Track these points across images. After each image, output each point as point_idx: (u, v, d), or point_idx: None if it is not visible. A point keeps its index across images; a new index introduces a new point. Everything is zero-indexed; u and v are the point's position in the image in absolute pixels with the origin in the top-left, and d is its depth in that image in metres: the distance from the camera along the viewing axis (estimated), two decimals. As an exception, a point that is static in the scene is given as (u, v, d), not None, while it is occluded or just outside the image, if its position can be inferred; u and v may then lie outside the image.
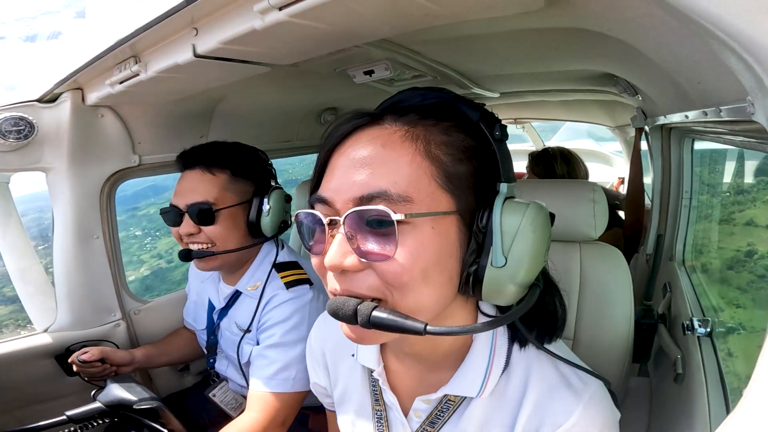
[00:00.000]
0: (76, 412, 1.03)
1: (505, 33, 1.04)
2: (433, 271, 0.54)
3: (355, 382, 0.81)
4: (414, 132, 0.55)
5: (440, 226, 0.53)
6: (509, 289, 0.56)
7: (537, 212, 0.55)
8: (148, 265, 11.68)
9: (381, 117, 0.58)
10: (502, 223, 0.54)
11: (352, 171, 0.54)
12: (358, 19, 0.77)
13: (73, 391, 1.47)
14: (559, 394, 0.62)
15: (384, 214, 0.50)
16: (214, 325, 1.40)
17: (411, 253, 0.51)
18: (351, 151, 0.56)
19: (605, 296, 1.12)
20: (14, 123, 1.19)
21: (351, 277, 0.55)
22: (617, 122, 3.20)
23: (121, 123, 1.41)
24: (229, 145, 1.29)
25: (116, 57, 1.03)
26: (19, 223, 1.61)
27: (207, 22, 0.84)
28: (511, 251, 0.54)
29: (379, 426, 0.76)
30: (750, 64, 0.43)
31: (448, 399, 0.68)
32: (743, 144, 1.06)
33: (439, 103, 0.60)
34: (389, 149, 0.54)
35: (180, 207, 1.19)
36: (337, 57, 1.21)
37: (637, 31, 0.75)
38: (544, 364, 0.65)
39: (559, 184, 1.22)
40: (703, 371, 0.98)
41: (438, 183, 0.54)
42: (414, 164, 0.53)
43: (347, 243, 0.53)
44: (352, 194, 0.53)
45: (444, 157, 0.55)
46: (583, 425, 0.60)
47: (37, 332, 1.43)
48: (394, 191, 0.51)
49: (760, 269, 1.33)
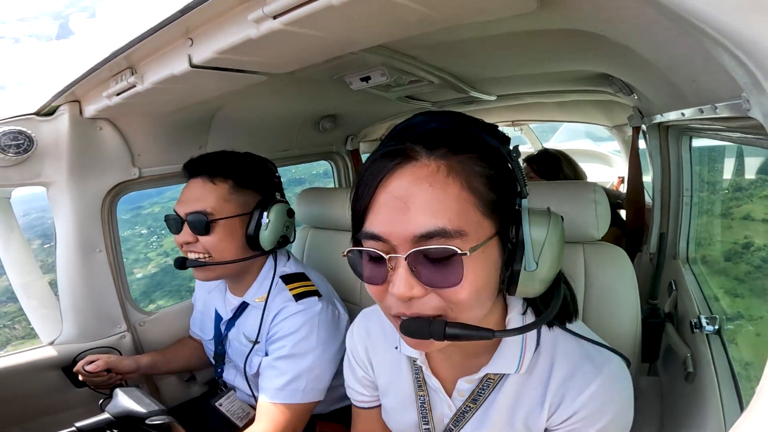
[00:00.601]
0: (85, 424, 1.02)
1: (499, 36, 1.04)
2: (485, 289, 0.63)
3: (398, 374, 0.90)
4: (453, 167, 0.60)
5: (487, 250, 0.61)
6: (538, 287, 0.65)
7: (556, 221, 0.65)
8: (156, 263, 11.85)
9: (414, 151, 0.61)
10: (532, 235, 0.63)
11: (403, 210, 0.59)
12: (354, 26, 0.78)
13: (81, 402, 1.47)
14: (581, 368, 0.71)
15: (451, 252, 0.57)
16: (221, 336, 1.40)
17: (469, 280, 0.59)
18: (397, 190, 0.60)
19: (611, 297, 1.12)
20: (13, 137, 1.20)
21: (416, 302, 0.61)
22: (614, 122, 3.19)
23: (120, 135, 1.41)
24: (236, 155, 1.28)
25: (112, 69, 1.04)
26: (21, 237, 1.61)
27: (202, 32, 0.85)
28: (541, 257, 0.63)
29: (423, 410, 0.86)
30: (743, 60, 0.43)
31: (489, 378, 0.77)
32: (741, 140, 1.06)
33: (461, 131, 0.64)
34: (437, 188, 0.58)
35: (180, 215, 1.19)
36: (333, 64, 1.21)
37: (630, 31, 0.75)
38: (569, 343, 0.75)
39: (560, 186, 1.22)
40: (714, 369, 0.97)
41: (481, 212, 0.60)
42: (461, 199, 0.59)
43: (411, 276, 0.59)
44: (410, 233, 0.58)
45: (481, 187, 0.60)
46: (601, 395, 0.68)
47: (43, 345, 1.43)
48: (450, 228, 0.57)
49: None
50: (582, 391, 0.69)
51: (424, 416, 0.86)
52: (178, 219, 1.19)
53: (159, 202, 2.68)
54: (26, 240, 1.62)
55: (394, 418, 0.92)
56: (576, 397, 0.69)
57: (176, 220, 1.20)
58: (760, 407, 0.31)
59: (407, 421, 0.89)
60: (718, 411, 0.85)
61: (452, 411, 0.82)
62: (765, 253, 1.37)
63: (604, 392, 0.68)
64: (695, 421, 0.91)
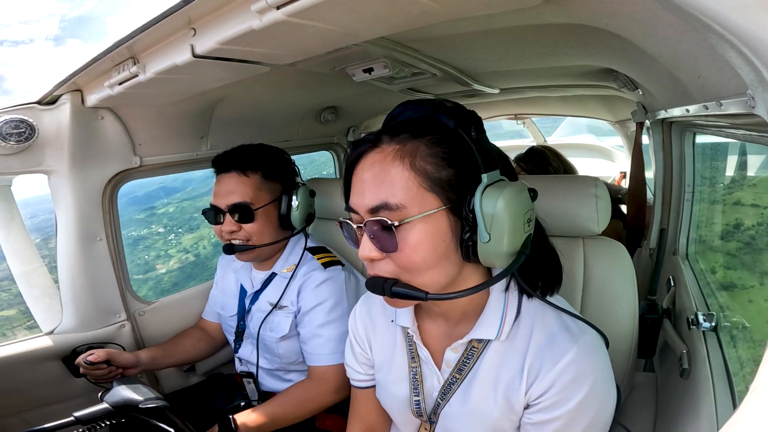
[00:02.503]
0: (83, 413, 1.03)
1: (503, 30, 1.03)
2: (431, 255, 0.70)
3: (394, 348, 0.96)
4: (403, 150, 0.70)
5: (431, 221, 0.69)
6: (499, 258, 0.69)
7: (511, 193, 0.67)
8: (177, 259, 12.12)
9: (379, 139, 0.73)
10: (482, 207, 0.67)
11: (363, 188, 0.72)
12: (357, 18, 0.77)
13: (80, 393, 1.48)
14: (558, 338, 0.75)
15: (384, 222, 0.68)
16: (245, 311, 1.50)
17: (410, 246, 0.68)
18: (361, 172, 0.73)
19: (609, 291, 1.12)
20: (15, 126, 1.20)
21: (377, 264, 0.73)
22: (617, 117, 3.18)
23: (122, 124, 1.41)
24: (257, 148, 1.41)
25: (114, 59, 1.03)
26: (22, 225, 1.61)
27: (205, 22, 0.84)
28: (492, 229, 0.67)
29: (414, 382, 0.91)
30: (749, 57, 0.43)
31: (473, 345, 0.82)
32: (745, 137, 1.05)
33: (425, 118, 0.73)
34: (386, 169, 0.70)
35: (221, 207, 1.33)
36: (335, 56, 1.20)
37: (635, 27, 0.75)
38: (548, 313, 0.79)
39: (561, 180, 1.22)
40: (709, 366, 0.97)
41: (425, 188, 0.69)
42: (403, 178, 0.69)
43: (370, 241, 0.71)
44: (365, 206, 0.71)
45: (428, 166, 0.69)
46: (576, 365, 0.72)
47: (42, 334, 1.43)
48: (393, 201, 0.68)
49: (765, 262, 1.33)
50: (558, 361, 0.72)
51: (415, 388, 0.91)
52: (218, 211, 1.34)
53: (172, 203, 2.72)
54: (27, 228, 1.63)
55: (388, 392, 0.96)
56: (552, 367, 0.72)
57: (216, 213, 1.34)
58: (752, 406, 0.32)
59: (400, 395, 0.93)
60: (712, 408, 0.85)
61: (440, 383, 0.86)
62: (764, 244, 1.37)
63: (579, 361, 0.72)
64: (689, 418, 0.91)
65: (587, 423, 0.72)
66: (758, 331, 1.10)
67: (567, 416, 0.72)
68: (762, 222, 1.44)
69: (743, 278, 1.39)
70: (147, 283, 11.13)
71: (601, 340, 0.78)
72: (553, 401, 0.72)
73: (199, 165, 1.75)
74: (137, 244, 13.35)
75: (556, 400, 0.72)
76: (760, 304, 1.26)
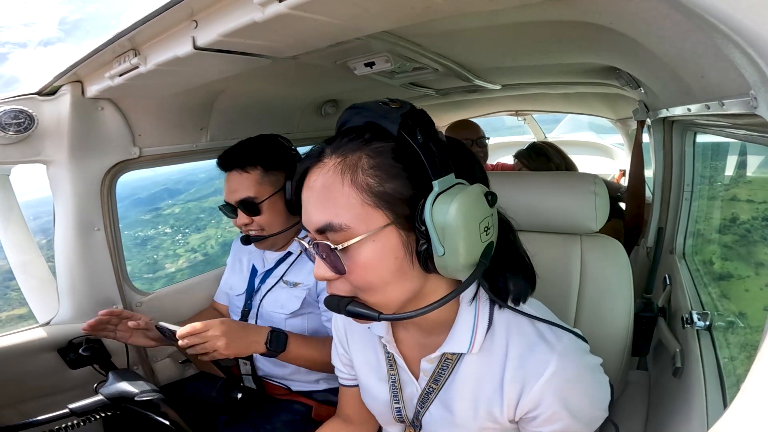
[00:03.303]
0: (78, 405, 1.03)
1: (506, 26, 1.03)
2: (384, 274, 0.65)
3: (374, 353, 0.93)
4: (344, 163, 0.63)
5: (380, 239, 0.63)
6: (458, 270, 0.63)
7: (462, 200, 0.61)
8: (186, 258, 12.25)
9: (323, 153, 0.67)
10: (434, 220, 0.61)
11: (309, 207, 0.66)
12: (359, 12, 0.77)
13: (76, 385, 1.47)
14: (536, 348, 0.72)
15: (328, 248, 0.63)
16: (254, 290, 1.54)
17: (360, 267, 0.64)
18: (306, 190, 0.67)
19: (605, 289, 1.12)
20: (14, 116, 1.19)
21: (332, 283, 0.69)
22: (619, 115, 3.18)
23: (121, 116, 1.40)
24: (255, 142, 1.45)
25: (115, 50, 1.03)
26: (20, 215, 1.61)
27: (207, 14, 0.84)
28: (445, 241, 0.61)
29: (394, 389, 0.89)
30: (754, 58, 0.43)
31: (446, 357, 0.79)
32: (746, 138, 1.05)
33: (369, 125, 0.66)
34: (327, 187, 0.64)
35: (232, 203, 1.40)
36: (337, 49, 1.20)
37: (640, 25, 0.75)
38: (522, 322, 0.75)
39: (560, 177, 1.22)
40: (702, 365, 0.98)
41: (370, 204, 0.62)
42: (345, 195, 0.62)
43: (323, 261, 0.67)
44: (312, 226, 0.65)
45: (371, 179, 0.62)
46: (561, 374, 0.69)
47: (39, 325, 1.42)
48: (336, 222, 0.62)
49: (759, 262, 1.33)
50: (541, 373, 0.69)
51: (395, 395, 0.89)
52: (230, 206, 1.41)
53: (177, 204, 2.69)
54: (24, 218, 1.62)
55: (371, 395, 0.95)
56: (537, 379, 0.70)
57: (229, 208, 1.42)
58: (742, 406, 0.32)
59: (382, 398, 0.92)
60: (702, 407, 0.85)
61: (418, 391, 0.85)
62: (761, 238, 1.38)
63: (564, 369, 0.69)
64: (680, 417, 0.92)
65: (588, 419, 0.73)
66: (751, 331, 1.11)
67: (569, 420, 0.71)
68: (757, 216, 1.44)
69: (739, 269, 1.39)
70: (159, 281, 11.20)
71: (577, 340, 0.75)
72: (552, 411, 0.71)
73: (199, 156, 1.75)
74: (145, 243, 13.50)
75: (552, 411, 0.71)
76: (752, 304, 1.26)
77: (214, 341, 1.13)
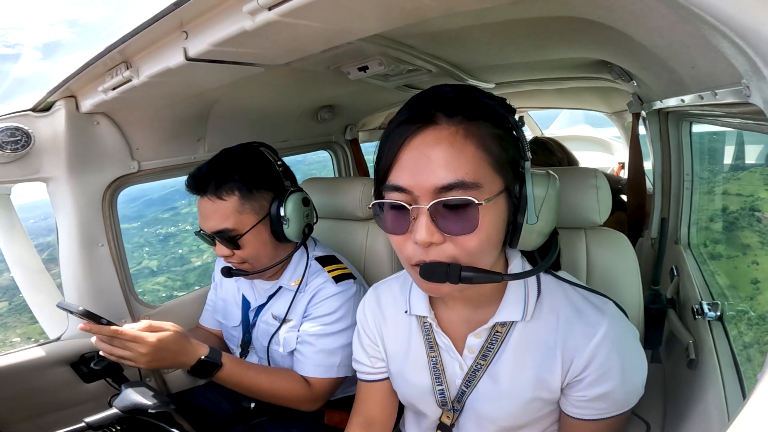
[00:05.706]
0: (94, 419, 1.04)
1: (497, 23, 1.03)
2: (495, 238, 0.70)
3: (409, 338, 0.94)
4: (469, 130, 0.67)
5: (498, 203, 0.68)
6: (537, 239, 0.73)
7: (554, 181, 0.72)
8: (210, 253, 12.45)
9: (436, 116, 0.68)
10: (534, 192, 0.69)
11: (427, 165, 0.66)
12: (349, 16, 0.77)
13: (90, 398, 1.48)
14: (585, 311, 0.77)
15: (469, 201, 0.64)
16: (249, 323, 1.42)
17: (484, 229, 0.67)
18: (422, 147, 0.67)
19: (613, 282, 1.12)
20: (11, 134, 1.19)
21: (434, 248, 0.68)
22: (614, 108, 3.18)
23: (118, 129, 1.41)
24: (233, 158, 1.23)
25: (106, 63, 1.03)
26: (23, 234, 1.61)
27: (196, 24, 0.84)
28: (541, 211, 0.70)
29: (435, 371, 0.89)
30: (742, 48, 0.43)
31: (496, 330, 0.82)
32: (741, 126, 1.05)
33: (475, 100, 0.71)
34: (456, 148, 0.65)
35: (207, 232, 1.20)
36: (330, 54, 1.20)
37: (628, 18, 0.75)
38: (567, 290, 0.82)
39: (562, 171, 1.21)
40: (716, 356, 0.96)
41: (494, 169, 0.67)
42: (477, 157, 0.66)
43: (432, 224, 0.66)
44: (432, 184, 0.65)
45: (494, 147, 0.67)
46: (612, 334, 0.74)
47: (50, 341, 1.43)
48: (468, 180, 0.64)
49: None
50: (593, 334, 0.74)
51: (437, 377, 0.89)
52: (207, 234, 1.21)
53: (193, 203, 2.73)
54: (28, 236, 1.62)
55: (407, 383, 0.94)
56: (588, 341, 0.74)
57: (207, 236, 1.22)
58: (762, 395, 0.32)
59: (421, 384, 0.91)
60: (721, 399, 0.84)
61: (463, 371, 0.86)
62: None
63: (613, 331, 0.74)
64: (698, 409, 0.90)
65: (632, 387, 0.76)
66: (764, 319, 1.10)
67: (616, 380, 0.74)
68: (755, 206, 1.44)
69: (747, 257, 1.39)
70: (194, 272, 11.77)
71: (618, 308, 0.81)
72: (599, 374, 0.74)
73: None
74: (168, 240, 13.92)
75: (601, 372, 0.74)
76: (764, 292, 1.25)
77: (137, 356, 1.04)
